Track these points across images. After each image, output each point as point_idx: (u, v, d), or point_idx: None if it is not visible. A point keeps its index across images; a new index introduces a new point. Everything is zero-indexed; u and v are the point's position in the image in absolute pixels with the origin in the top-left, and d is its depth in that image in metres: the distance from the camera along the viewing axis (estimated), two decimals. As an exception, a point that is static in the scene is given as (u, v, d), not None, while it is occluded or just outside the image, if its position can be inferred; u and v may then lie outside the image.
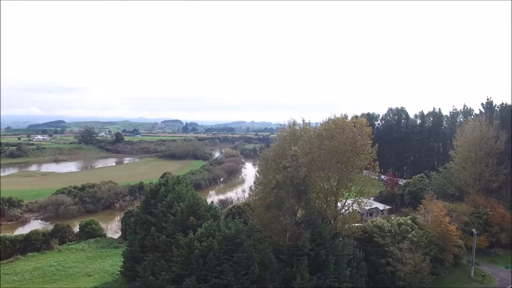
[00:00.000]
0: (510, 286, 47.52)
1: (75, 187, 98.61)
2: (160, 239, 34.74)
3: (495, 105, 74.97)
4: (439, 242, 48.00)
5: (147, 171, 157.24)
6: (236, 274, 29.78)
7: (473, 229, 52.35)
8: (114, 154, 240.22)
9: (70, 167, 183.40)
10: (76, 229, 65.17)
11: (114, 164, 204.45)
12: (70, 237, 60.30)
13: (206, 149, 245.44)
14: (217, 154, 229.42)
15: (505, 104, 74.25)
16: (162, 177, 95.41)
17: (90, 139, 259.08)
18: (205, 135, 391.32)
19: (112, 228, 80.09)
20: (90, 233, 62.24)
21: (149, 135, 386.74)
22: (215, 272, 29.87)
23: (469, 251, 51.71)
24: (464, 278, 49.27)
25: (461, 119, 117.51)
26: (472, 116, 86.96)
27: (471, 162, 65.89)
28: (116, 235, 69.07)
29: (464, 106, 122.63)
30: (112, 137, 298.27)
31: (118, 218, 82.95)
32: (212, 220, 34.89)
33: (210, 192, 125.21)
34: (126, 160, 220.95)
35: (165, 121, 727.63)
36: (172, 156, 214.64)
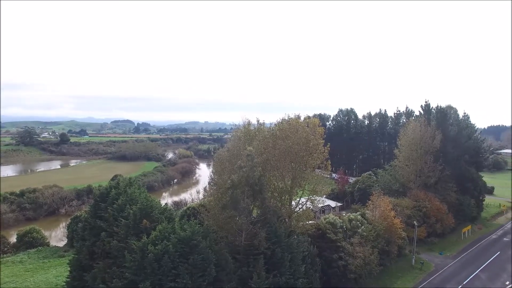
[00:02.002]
0: (443, 270, 52.41)
1: (12, 193, 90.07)
2: (111, 244, 33.10)
3: (432, 107, 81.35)
4: (386, 235, 51.24)
5: (96, 174, 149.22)
6: (192, 276, 29.37)
7: (415, 222, 56.84)
8: (58, 156, 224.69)
9: (6, 171, 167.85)
10: (14, 239, 59.92)
11: (59, 167, 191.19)
12: (6, 249, 55.07)
13: (159, 150, 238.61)
14: (170, 155, 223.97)
15: (440, 106, 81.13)
16: (112, 179, 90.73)
17: (31, 140, 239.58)
18: (158, 136, 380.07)
19: (57, 236, 74.98)
20: (30, 242, 57.56)
21: (98, 136, 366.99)
22: (170, 276, 29.20)
23: (411, 242, 56.05)
24: (406, 267, 53.21)
25: (404, 120, 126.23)
26: (413, 118, 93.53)
27: (413, 160, 71.12)
28: (62, 243, 64.77)
29: (407, 108, 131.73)
30: (57, 138, 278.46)
31: (63, 224, 77.91)
32: (166, 223, 34.02)
33: (164, 194, 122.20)
34: (73, 162, 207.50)
35: (115, 121, 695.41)
36: (123, 158, 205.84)
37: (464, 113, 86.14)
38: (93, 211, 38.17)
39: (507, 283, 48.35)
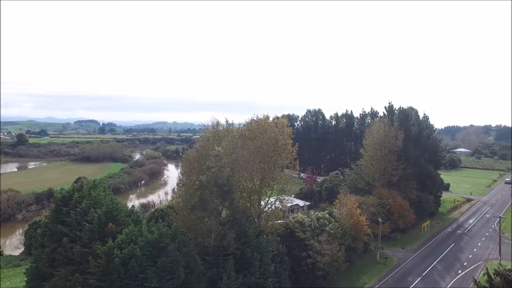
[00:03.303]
0: (404, 264, 55.06)
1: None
2: (73, 250, 31.70)
3: (395, 108, 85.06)
4: (352, 232, 52.91)
5: (57, 177, 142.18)
6: (160, 279, 28.86)
7: (379, 218, 59.16)
8: (15, 158, 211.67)
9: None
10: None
11: (16, 169, 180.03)
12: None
13: (126, 151, 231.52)
14: (137, 156, 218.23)
15: (402, 108, 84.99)
16: (76, 182, 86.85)
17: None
18: (124, 136, 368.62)
19: (12, 244, 70.73)
20: (-19, 253, 53.75)
21: (59, 137, 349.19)
22: (138, 280, 28.50)
23: (376, 238, 58.25)
24: (372, 262, 55.29)
25: (369, 121, 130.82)
26: (377, 118, 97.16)
27: (377, 159, 73.92)
28: (18, 252, 61.21)
29: (371, 109, 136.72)
30: (13, 138, 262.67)
31: (20, 231, 73.56)
32: (133, 226, 33.17)
33: (131, 196, 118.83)
34: (31, 164, 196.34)
35: (78, 121, 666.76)
36: (87, 159, 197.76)
37: (424, 114, 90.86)
38: (54, 216, 36.38)
39: (459, 271, 52.47)
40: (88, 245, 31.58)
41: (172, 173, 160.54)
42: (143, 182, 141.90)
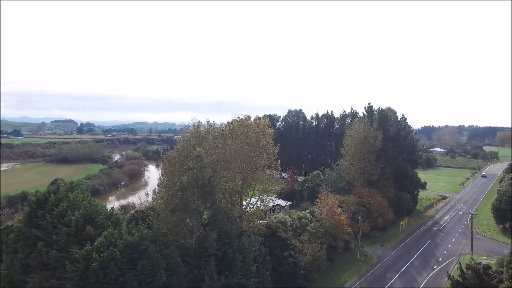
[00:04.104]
0: (384, 261, 56.40)
1: None
2: (49, 255, 30.69)
3: (374, 109, 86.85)
4: (333, 231, 53.73)
5: (32, 178, 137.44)
6: (141, 283, 28.37)
7: (359, 217, 60.28)
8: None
9: None
10: None
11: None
12: None
13: (105, 151, 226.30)
14: (117, 157, 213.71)
15: (381, 108, 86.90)
16: (52, 184, 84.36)
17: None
18: (103, 137, 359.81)
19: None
20: None
21: (34, 137, 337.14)
22: (117, 284, 27.90)
23: (356, 236, 59.37)
24: (352, 260, 56.28)
25: (349, 121, 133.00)
26: (357, 119, 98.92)
27: (357, 158, 75.30)
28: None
29: (351, 109, 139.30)
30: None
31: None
32: (112, 228, 32.50)
33: (110, 198, 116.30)
34: (4, 166, 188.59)
35: (55, 121, 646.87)
36: (64, 160, 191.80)
37: (402, 114, 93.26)
38: (28, 220, 35.19)
39: (435, 267, 54.38)
40: (65, 249, 30.73)
41: (153, 174, 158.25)
42: (123, 183, 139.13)
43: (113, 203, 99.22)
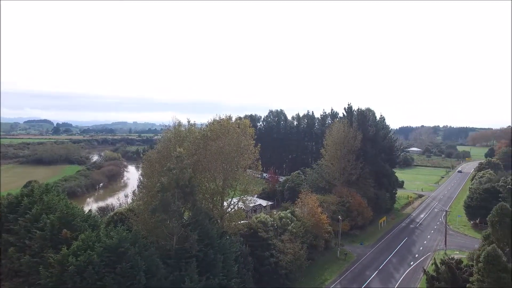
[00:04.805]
0: (363, 259, 57.60)
1: None
2: (21, 261, 29.60)
3: (354, 110, 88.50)
4: (314, 230, 54.37)
5: (4, 181, 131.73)
6: (120, 286, 27.89)
7: (339, 216, 61.26)
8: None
9: None
10: None
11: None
12: None
13: (83, 152, 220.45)
14: (95, 158, 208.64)
15: (360, 109, 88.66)
16: (25, 186, 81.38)
17: None
18: (81, 137, 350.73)
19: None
20: None
21: (6, 137, 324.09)
22: (94, 288, 27.35)
23: (336, 235, 60.33)
24: (332, 259, 57.17)
25: (329, 121, 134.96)
26: (337, 119, 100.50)
27: (337, 158, 76.51)
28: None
29: (332, 109, 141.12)
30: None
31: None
32: (90, 231, 31.80)
33: (88, 200, 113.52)
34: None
35: (29, 121, 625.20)
36: (39, 162, 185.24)
37: (381, 115, 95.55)
38: None
39: (412, 263, 56.16)
40: (39, 254, 29.81)
41: (133, 175, 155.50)
42: (101, 184, 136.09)
43: (91, 205, 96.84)
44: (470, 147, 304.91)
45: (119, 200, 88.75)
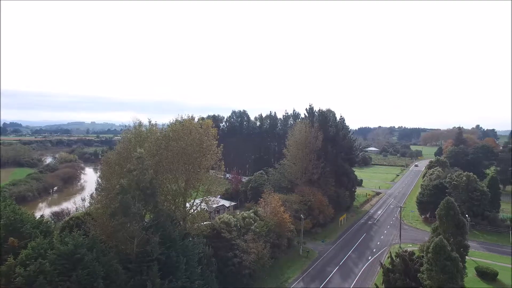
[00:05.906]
0: (324, 256, 59.39)
1: None
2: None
3: (315, 110, 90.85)
4: (277, 229, 55.08)
5: None
6: (75, 294, 26.55)
7: (301, 215, 62.57)
8: None
9: None
10: None
11: None
12: None
13: (34, 154, 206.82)
14: (49, 160, 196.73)
15: (321, 110, 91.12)
16: (-33, 192, 75.09)
17: None
18: (32, 138, 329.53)
19: None
20: None
21: None
22: (47, 297, 25.81)
23: (298, 233, 61.56)
24: (295, 256, 58.27)
25: (292, 122, 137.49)
26: (299, 120, 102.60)
27: (299, 158, 78.10)
28: None
29: (294, 110, 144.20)
30: None
31: None
32: (42, 238, 29.99)
33: (41, 205, 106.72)
34: None
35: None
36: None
37: (341, 116, 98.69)
38: None
39: (370, 257, 58.83)
40: (-17, 264, 27.62)
41: (90, 178, 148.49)
42: (55, 188, 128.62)
43: (43, 211, 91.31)
44: (422, 147, 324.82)
45: (76, 204, 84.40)
